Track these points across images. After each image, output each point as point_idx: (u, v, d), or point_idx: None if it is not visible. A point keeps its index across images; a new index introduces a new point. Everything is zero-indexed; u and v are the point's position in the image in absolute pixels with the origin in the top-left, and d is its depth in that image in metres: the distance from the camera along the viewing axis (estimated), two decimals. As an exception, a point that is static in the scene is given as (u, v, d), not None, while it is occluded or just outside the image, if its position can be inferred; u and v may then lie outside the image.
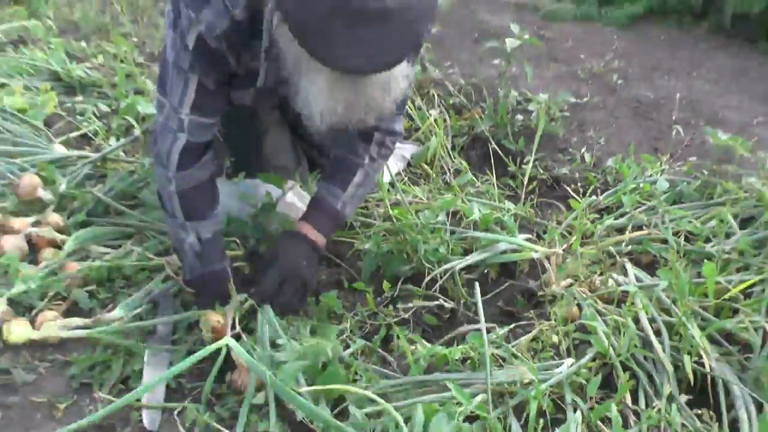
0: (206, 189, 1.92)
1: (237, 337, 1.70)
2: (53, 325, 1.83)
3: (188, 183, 1.87)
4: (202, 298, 1.94)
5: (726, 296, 1.87)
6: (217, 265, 1.93)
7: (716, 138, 2.35)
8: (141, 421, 1.64)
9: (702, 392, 1.70)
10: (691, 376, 1.68)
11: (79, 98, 2.98)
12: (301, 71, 1.56)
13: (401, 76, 1.61)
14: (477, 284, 1.88)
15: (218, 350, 1.63)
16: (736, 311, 1.87)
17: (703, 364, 1.72)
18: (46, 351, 1.82)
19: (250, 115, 2.20)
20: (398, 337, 1.81)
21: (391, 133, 2.00)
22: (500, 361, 1.75)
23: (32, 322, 1.86)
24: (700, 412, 1.63)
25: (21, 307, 1.92)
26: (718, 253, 2.03)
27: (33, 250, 2.10)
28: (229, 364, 1.68)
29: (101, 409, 1.63)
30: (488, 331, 1.76)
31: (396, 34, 1.42)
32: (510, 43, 2.74)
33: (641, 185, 2.33)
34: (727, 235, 2.12)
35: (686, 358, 1.73)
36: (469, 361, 1.75)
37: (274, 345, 1.72)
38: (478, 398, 1.63)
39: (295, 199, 2.21)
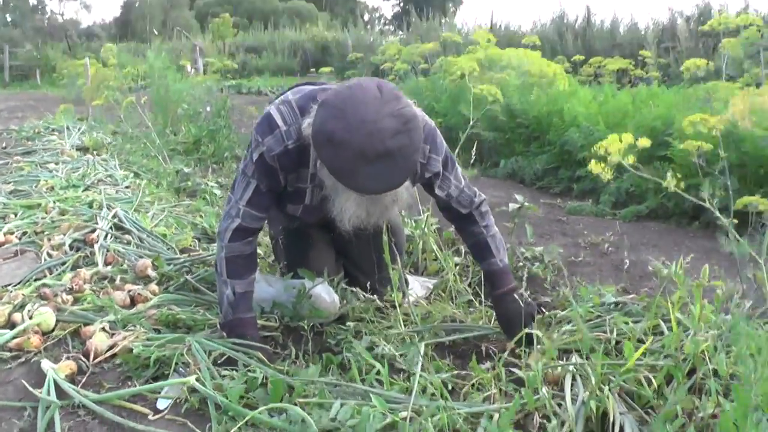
0: (246, 259, 2.09)
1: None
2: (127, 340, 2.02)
3: (233, 253, 2.06)
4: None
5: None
6: (245, 315, 2.06)
7: (658, 268, 2.35)
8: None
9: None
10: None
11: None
12: (337, 192, 1.85)
13: (405, 191, 1.89)
14: (422, 346, 1.95)
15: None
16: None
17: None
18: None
19: (302, 234, 2.42)
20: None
21: (479, 205, 2.22)
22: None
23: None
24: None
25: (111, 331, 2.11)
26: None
27: (134, 304, 2.31)
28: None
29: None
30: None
31: (399, 165, 1.70)
32: (511, 206, 2.93)
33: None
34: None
35: (592, 403, 1.70)
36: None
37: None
38: (403, 414, 1.66)
39: (322, 291, 2.32)
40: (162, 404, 1.79)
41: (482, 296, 2.55)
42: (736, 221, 2.53)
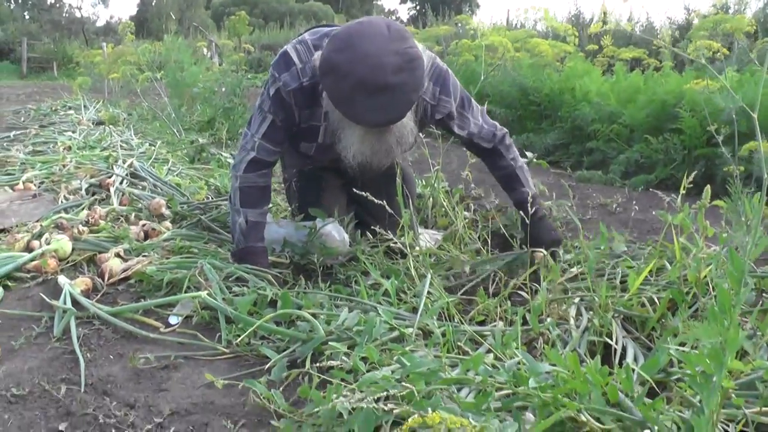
0: (259, 190, 2.15)
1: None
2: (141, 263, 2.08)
3: (248, 183, 2.12)
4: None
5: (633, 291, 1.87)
6: (256, 243, 2.11)
7: (664, 216, 2.36)
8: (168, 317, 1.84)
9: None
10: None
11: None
12: (343, 126, 1.91)
13: (409, 132, 1.93)
14: (429, 273, 1.98)
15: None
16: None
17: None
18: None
19: (316, 177, 2.47)
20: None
21: (501, 139, 2.30)
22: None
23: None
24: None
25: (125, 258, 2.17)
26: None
27: (147, 238, 2.36)
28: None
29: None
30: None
31: (397, 100, 1.76)
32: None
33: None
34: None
35: (596, 320, 1.74)
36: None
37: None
38: (409, 330, 1.69)
39: (332, 230, 2.36)
40: (173, 320, 1.84)
41: (489, 245, 2.58)
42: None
